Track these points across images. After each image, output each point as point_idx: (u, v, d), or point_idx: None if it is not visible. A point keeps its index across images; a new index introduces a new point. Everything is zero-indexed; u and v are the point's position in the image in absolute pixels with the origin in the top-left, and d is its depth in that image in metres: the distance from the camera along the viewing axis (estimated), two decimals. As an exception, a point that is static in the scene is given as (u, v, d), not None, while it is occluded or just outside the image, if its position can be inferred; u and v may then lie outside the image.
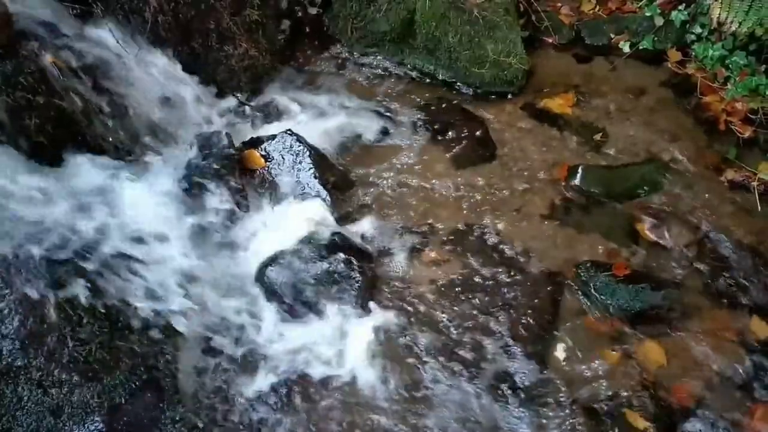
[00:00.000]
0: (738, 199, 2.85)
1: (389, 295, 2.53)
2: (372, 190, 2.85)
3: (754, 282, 2.53)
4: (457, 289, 2.55)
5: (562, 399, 2.29)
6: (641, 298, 2.48)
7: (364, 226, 2.69)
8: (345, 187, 2.79)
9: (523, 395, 2.29)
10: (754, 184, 2.85)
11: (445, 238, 2.71)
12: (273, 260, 2.51)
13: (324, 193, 2.66)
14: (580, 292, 2.56)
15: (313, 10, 3.52)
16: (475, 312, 2.49)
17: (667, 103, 3.25)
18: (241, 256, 2.53)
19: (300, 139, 2.72)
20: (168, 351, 2.21)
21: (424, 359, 2.37)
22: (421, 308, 2.50)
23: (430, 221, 2.76)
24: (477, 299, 2.52)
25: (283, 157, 2.70)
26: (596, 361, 2.38)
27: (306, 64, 3.37)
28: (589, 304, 2.53)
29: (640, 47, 3.42)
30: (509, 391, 2.30)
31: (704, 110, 3.18)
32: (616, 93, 3.30)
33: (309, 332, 2.41)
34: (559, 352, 2.41)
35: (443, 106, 3.22)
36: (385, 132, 3.09)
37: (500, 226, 2.76)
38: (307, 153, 2.70)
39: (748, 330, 2.46)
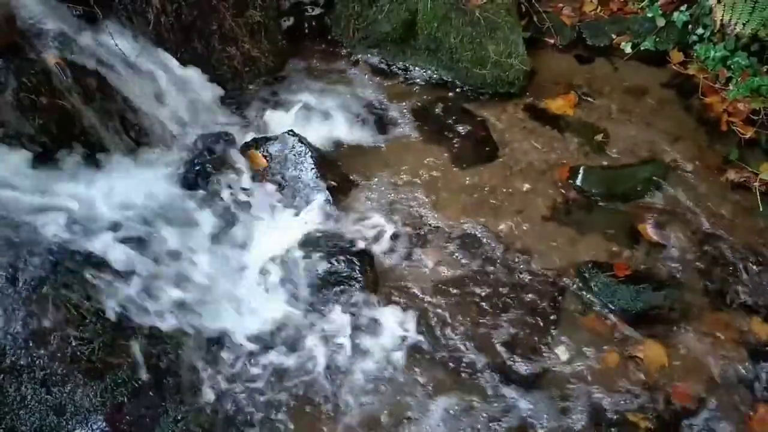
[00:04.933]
0: (739, 200, 2.85)
1: (390, 295, 2.53)
2: (373, 190, 2.86)
3: (755, 282, 2.54)
4: (457, 290, 2.56)
5: (562, 399, 2.30)
6: (642, 298, 2.49)
7: (366, 227, 2.70)
8: (346, 188, 2.80)
9: (523, 395, 2.30)
10: (756, 184, 2.85)
11: (446, 239, 2.72)
12: (275, 260, 2.51)
13: (325, 193, 2.67)
14: (581, 293, 2.56)
15: (315, 11, 3.54)
16: (475, 312, 2.50)
17: (668, 103, 3.26)
18: (242, 256, 2.54)
19: (302, 140, 2.73)
20: (170, 350, 2.22)
21: (424, 359, 2.38)
22: (422, 308, 2.50)
23: (431, 221, 2.77)
24: (478, 299, 2.53)
25: (285, 158, 2.71)
26: (597, 362, 2.39)
27: (308, 64, 3.38)
28: (589, 304, 2.53)
29: (642, 48, 3.42)
30: (509, 391, 2.30)
31: (706, 111, 3.18)
32: (617, 94, 3.31)
33: (310, 332, 2.42)
34: (560, 352, 2.41)
35: (445, 106, 3.23)
36: (386, 132, 3.10)
37: (501, 226, 2.77)
38: (309, 153, 2.71)
39: (748, 330, 2.47)
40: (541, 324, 2.47)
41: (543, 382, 2.33)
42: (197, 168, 2.58)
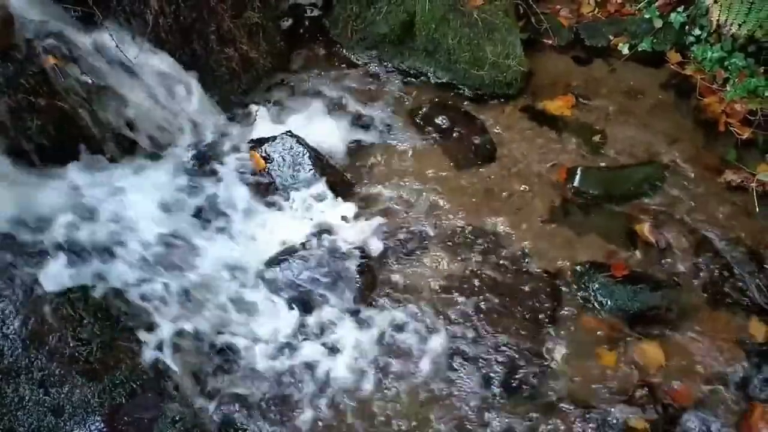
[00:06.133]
0: (736, 201, 2.85)
1: (389, 295, 2.54)
2: (372, 191, 2.86)
3: (752, 283, 2.54)
4: (456, 290, 2.56)
5: (560, 399, 2.30)
6: (640, 298, 2.49)
7: (364, 227, 2.70)
8: (345, 188, 2.80)
9: (521, 395, 2.30)
10: (753, 185, 2.85)
11: (444, 239, 2.72)
12: (273, 261, 2.52)
13: (323, 193, 2.68)
14: (578, 293, 2.56)
15: (313, 13, 3.54)
16: (473, 312, 2.50)
17: (666, 104, 3.26)
18: (241, 257, 2.54)
19: (300, 141, 2.74)
20: (169, 350, 2.23)
21: (422, 359, 2.38)
22: (420, 308, 2.51)
23: (429, 222, 2.77)
24: (476, 300, 2.53)
25: (283, 159, 2.72)
26: (594, 362, 2.39)
27: (306, 65, 3.38)
28: (587, 304, 2.54)
29: (639, 49, 3.42)
30: (508, 391, 2.31)
31: (703, 112, 3.18)
32: (615, 94, 3.31)
33: (309, 333, 2.42)
34: (558, 352, 2.42)
35: (443, 107, 3.23)
36: (384, 133, 3.10)
37: (499, 227, 2.77)
38: (307, 154, 2.71)
39: (746, 330, 2.47)
40: (539, 324, 2.48)
41: (541, 383, 2.34)
42: (195, 169, 2.58)
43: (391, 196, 2.86)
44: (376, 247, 2.67)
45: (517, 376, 2.34)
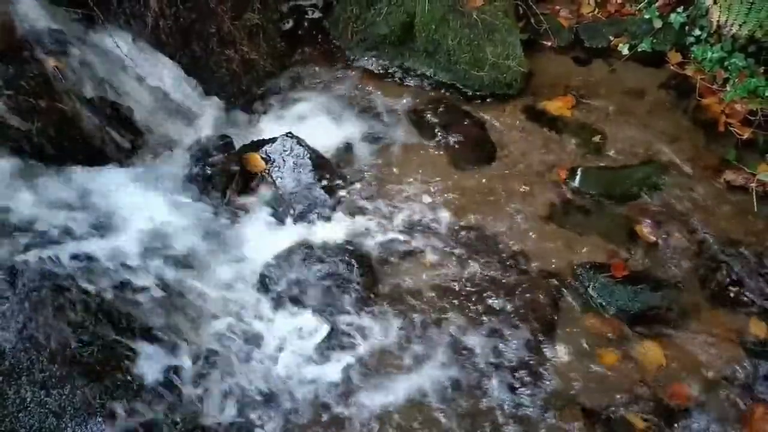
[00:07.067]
0: (736, 201, 2.85)
1: (388, 297, 2.54)
2: (372, 192, 2.86)
3: (752, 282, 2.54)
4: (456, 291, 2.56)
5: (561, 399, 2.30)
6: (640, 298, 2.49)
7: (364, 228, 2.71)
8: (344, 189, 2.80)
9: (522, 395, 2.30)
10: (753, 185, 2.85)
11: (444, 239, 2.72)
12: (273, 262, 2.52)
13: (324, 195, 2.68)
14: (579, 293, 2.57)
15: (313, 14, 3.55)
16: (474, 313, 2.50)
17: (665, 104, 3.27)
18: (241, 258, 2.55)
19: (300, 142, 2.74)
20: (169, 352, 2.23)
21: (423, 360, 2.38)
22: (421, 309, 2.51)
23: (429, 223, 2.77)
24: (476, 300, 2.53)
25: (283, 160, 2.72)
26: (595, 362, 2.39)
27: (306, 67, 3.39)
28: (588, 305, 2.54)
29: (639, 49, 3.43)
30: (508, 392, 2.31)
31: (703, 112, 3.19)
32: (615, 95, 3.32)
33: (309, 334, 2.42)
34: (559, 352, 2.42)
35: (443, 108, 3.24)
36: (384, 134, 3.10)
37: (500, 227, 2.77)
38: (308, 155, 2.71)
39: (746, 330, 2.47)
40: (540, 325, 2.47)
41: (542, 383, 2.34)
42: (195, 171, 2.59)
43: (391, 196, 2.86)
44: (376, 247, 2.67)
45: (518, 377, 2.34)
